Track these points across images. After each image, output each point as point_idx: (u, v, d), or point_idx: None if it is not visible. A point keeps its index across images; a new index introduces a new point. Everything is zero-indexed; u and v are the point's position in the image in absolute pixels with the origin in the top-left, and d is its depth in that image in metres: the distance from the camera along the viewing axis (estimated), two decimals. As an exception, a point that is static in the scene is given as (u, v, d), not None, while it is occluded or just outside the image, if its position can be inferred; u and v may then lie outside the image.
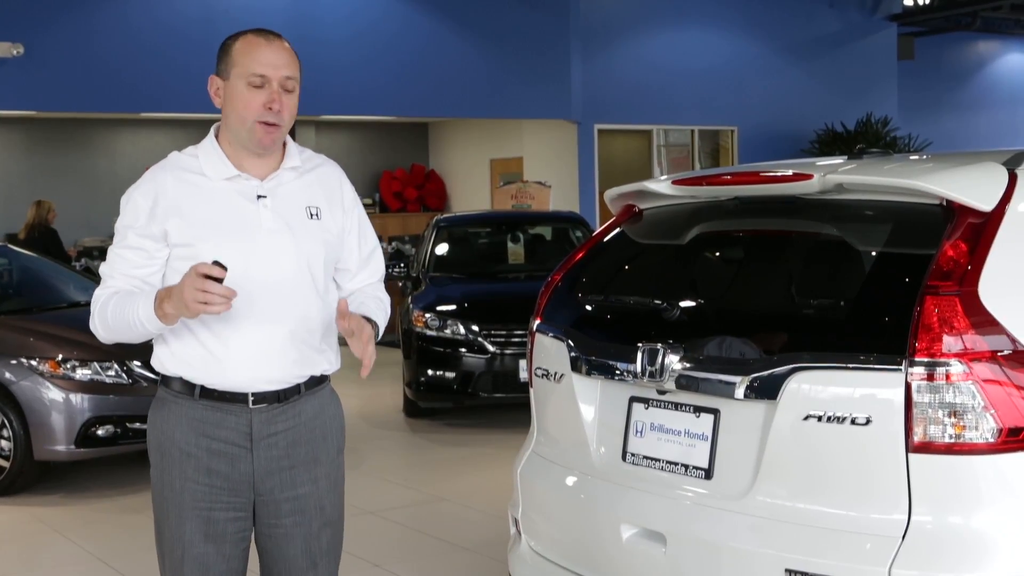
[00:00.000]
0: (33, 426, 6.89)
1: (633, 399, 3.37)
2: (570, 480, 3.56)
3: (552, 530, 3.67)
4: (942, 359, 2.67)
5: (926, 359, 2.68)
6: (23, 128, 14.83)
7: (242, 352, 2.84)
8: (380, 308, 3.07)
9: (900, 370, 2.72)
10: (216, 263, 2.63)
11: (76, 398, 6.88)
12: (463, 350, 8.71)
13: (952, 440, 2.67)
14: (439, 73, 13.93)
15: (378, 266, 3.16)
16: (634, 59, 15.70)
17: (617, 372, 3.38)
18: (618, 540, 3.26)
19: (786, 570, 2.83)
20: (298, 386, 2.94)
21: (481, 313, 8.84)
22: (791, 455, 2.93)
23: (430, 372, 8.81)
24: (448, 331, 8.79)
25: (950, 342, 2.67)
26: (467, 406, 9.24)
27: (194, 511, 2.88)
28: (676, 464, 3.22)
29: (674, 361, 3.18)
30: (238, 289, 2.76)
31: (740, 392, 3.01)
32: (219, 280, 2.62)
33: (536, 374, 3.79)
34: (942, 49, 21.33)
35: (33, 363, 6.90)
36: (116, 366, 6.92)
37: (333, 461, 3.04)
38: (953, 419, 2.66)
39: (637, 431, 3.35)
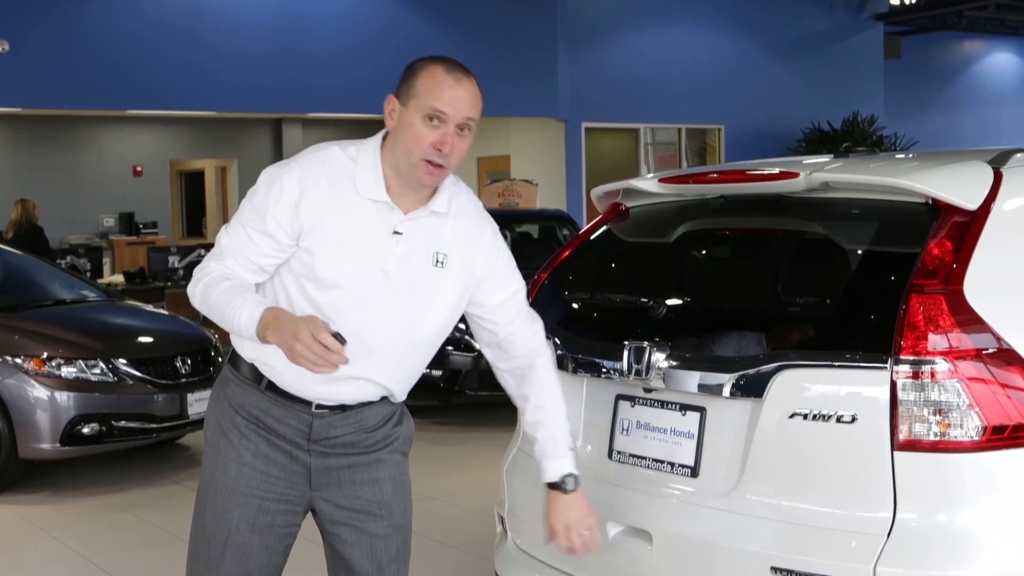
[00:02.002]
0: (18, 424, 6.86)
1: (619, 397, 3.37)
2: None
3: (537, 527, 3.67)
4: (927, 357, 2.68)
5: (911, 357, 2.69)
6: (8, 125, 14.78)
7: (317, 377, 2.70)
8: (566, 427, 2.99)
9: (885, 368, 2.73)
10: (337, 336, 2.51)
11: (61, 396, 6.85)
12: (449, 348, 8.70)
13: (937, 438, 2.68)
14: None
15: (529, 313, 3.01)
16: (621, 57, 15.71)
17: (603, 370, 3.38)
18: (604, 538, 3.26)
19: (772, 568, 2.84)
20: (362, 402, 2.87)
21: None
22: (777, 453, 2.93)
23: (417, 370, 8.80)
24: (435, 329, 8.78)
25: (935, 340, 2.68)
26: (454, 404, 9.23)
27: (246, 497, 2.80)
28: (662, 462, 3.22)
29: (660, 359, 3.19)
30: (338, 312, 2.69)
31: (726, 390, 3.02)
32: (340, 341, 2.52)
33: None
34: (928, 48, 21.40)
35: (18, 361, 6.87)
36: (102, 364, 6.90)
37: (398, 465, 2.95)
38: (938, 417, 2.67)
39: (623, 429, 3.35)
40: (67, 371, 6.88)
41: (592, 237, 3.91)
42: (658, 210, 3.72)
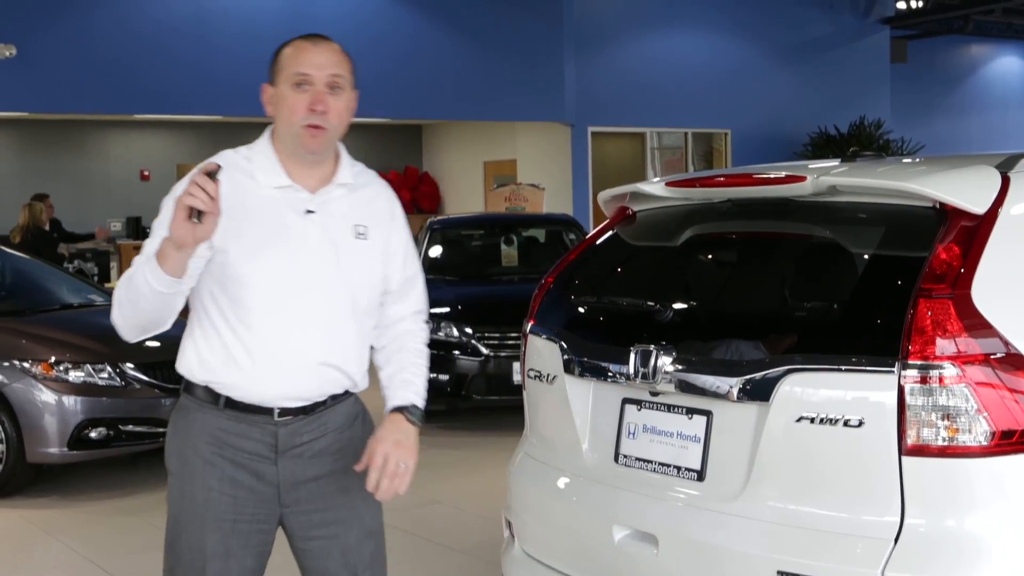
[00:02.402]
0: (26, 428, 6.87)
1: (626, 400, 3.37)
2: (562, 482, 3.56)
3: (544, 532, 3.67)
4: (935, 362, 2.67)
5: (919, 362, 2.68)
6: (15, 129, 14.82)
7: (269, 367, 2.74)
8: (423, 377, 2.97)
9: (893, 372, 2.72)
10: (212, 175, 2.48)
11: (69, 400, 6.86)
12: (457, 352, 8.70)
13: (945, 443, 2.67)
14: (433, 75, 13.94)
15: (420, 295, 3.05)
16: (627, 62, 15.71)
17: (610, 373, 3.38)
18: (610, 542, 3.26)
19: (778, 572, 2.83)
20: (323, 400, 2.85)
21: (475, 315, 8.83)
22: (784, 457, 2.93)
23: (423, 374, 8.79)
24: (442, 333, 8.78)
25: (943, 345, 2.68)
26: (461, 409, 9.23)
27: (217, 522, 2.78)
28: (668, 466, 3.22)
29: (667, 363, 3.18)
30: (273, 304, 2.70)
31: (733, 394, 3.02)
32: (213, 179, 2.48)
33: (529, 376, 3.79)
34: (935, 52, 21.38)
35: (26, 365, 6.88)
36: (109, 368, 6.91)
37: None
38: (946, 422, 2.67)
39: (629, 433, 3.35)
40: (75, 375, 6.89)
41: (599, 241, 3.91)
42: (665, 214, 3.72)
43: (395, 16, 13.73)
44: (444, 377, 8.71)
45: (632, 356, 3.26)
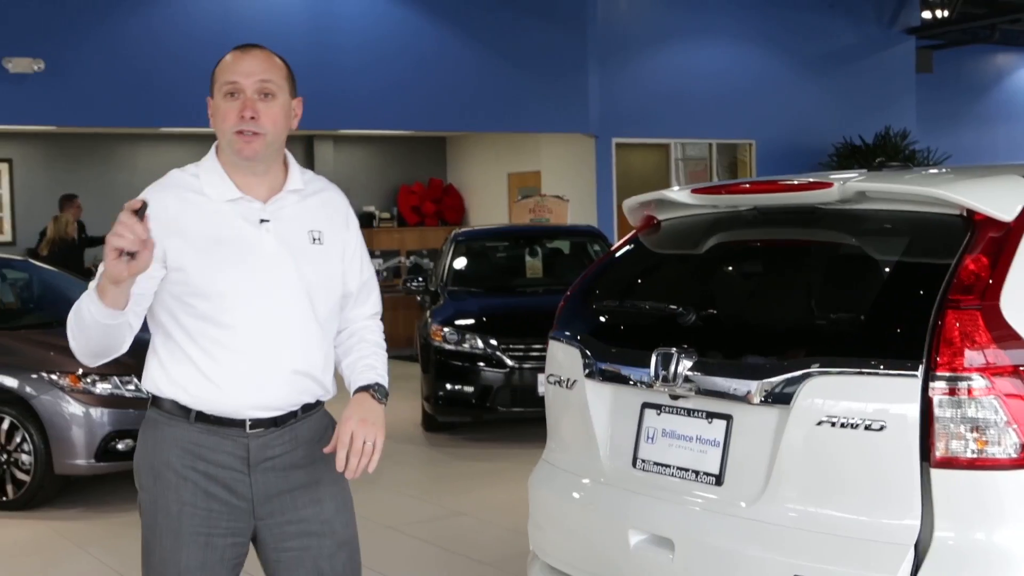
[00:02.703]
0: (54, 440, 6.92)
1: (645, 405, 3.36)
2: (579, 486, 3.56)
3: (559, 537, 3.67)
4: (964, 373, 2.66)
5: (948, 373, 2.67)
6: (43, 143, 14.93)
7: (238, 378, 2.75)
8: (383, 362, 2.97)
9: (916, 376, 2.71)
10: (139, 211, 2.43)
11: (96, 412, 6.90)
12: (481, 364, 8.71)
13: (974, 455, 2.65)
14: (457, 87, 13.97)
15: (376, 299, 3.08)
16: (651, 73, 15.71)
17: (630, 378, 3.37)
18: (625, 546, 3.25)
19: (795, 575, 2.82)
20: (295, 411, 2.86)
21: (499, 327, 8.84)
22: (803, 461, 2.92)
23: (448, 386, 8.81)
24: (466, 345, 8.79)
25: (972, 356, 2.66)
26: (485, 420, 9.23)
27: (192, 536, 2.77)
28: (687, 470, 3.21)
29: (688, 366, 3.18)
30: (239, 315, 2.71)
31: (754, 397, 3.01)
32: (140, 216, 2.43)
33: (549, 381, 3.80)
34: (961, 62, 21.27)
35: (54, 377, 6.92)
36: (136, 380, 6.94)
37: (337, 481, 2.94)
38: (975, 434, 2.65)
39: (648, 437, 3.35)
40: (102, 387, 6.93)
41: (622, 250, 3.92)
42: (690, 223, 3.71)
43: (419, 30, 13.77)
44: (469, 389, 8.72)
45: (653, 359, 3.26)
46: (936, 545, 2.67)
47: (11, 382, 7.03)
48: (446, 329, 8.92)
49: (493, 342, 8.71)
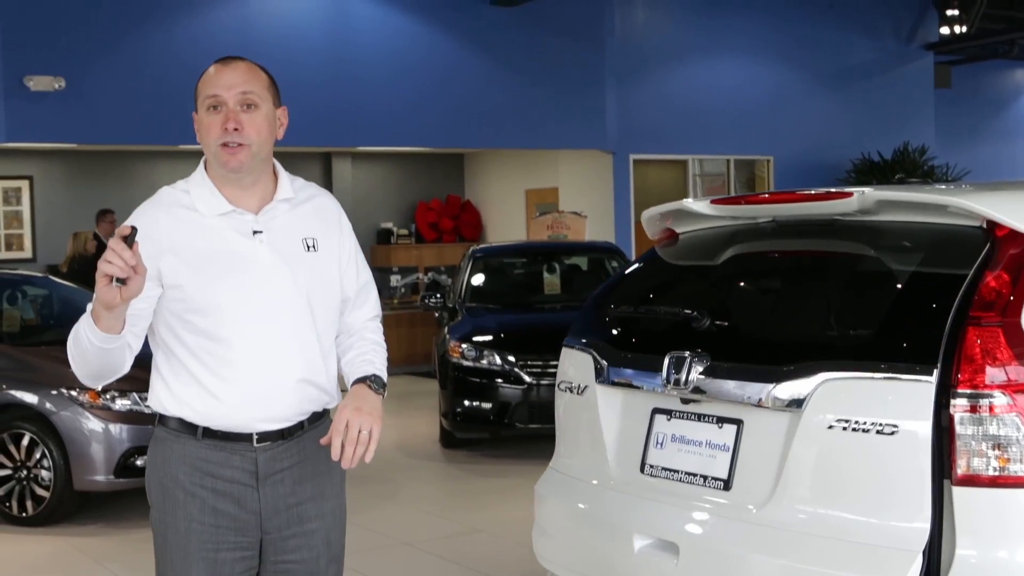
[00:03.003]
0: (73, 456, 6.94)
1: (656, 411, 3.35)
2: (585, 492, 3.54)
3: (563, 543, 3.64)
4: (985, 391, 2.64)
5: (969, 391, 2.66)
6: (62, 160, 15.02)
7: (244, 391, 2.75)
8: (382, 358, 2.97)
9: (930, 381, 2.69)
10: (128, 237, 2.46)
11: (115, 428, 6.92)
12: (499, 380, 8.70)
13: (996, 473, 2.64)
14: (475, 104, 14.00)
15: (375, 301, 3.07)
16: (669, 89, 15.71)
17: (641, 382, 3.36)
18: (630, 551, 3.23)
19: None
20: (301, 423, 2.86)
21: (517, 343, 8.83)
22: (813, 465, 2.90)
23: (466, 402, 8.81)
24: (484, 361, 8.79)
25: (993, 373, 2.65)
26: (503, 437, 9.22)
27: (200, 553, 2.78)
28: (695, 475, 3.19)
29: (700, 370, 3.17)
30: (241, 329, 2.72)
31: (767, 400, 2.99)
32: (130, 242, 2.45)
33: (560, 388, 3.79)
34: (979, 77, 21.21)
35: (73, 393, 6.95)
36: (155, 396, 6.95)
37: (339, 494, 2.96)
38: (997, 452, 2.63)
39: (657, 443, 3.33)
40: (121, 403, 6.95)
41: (640, 262, 3.93)
42: (708, 235, 3.72)
43: (438, 47, 13.81)
44: (487, 405, 8.72)
45: (666, 362, 3.25)
46: (958, 563, 2.64)
47: (31, 398, 7.07)
48: (464, 345, 8.92)
49: (511, 358, 8.71)
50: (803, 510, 2.89)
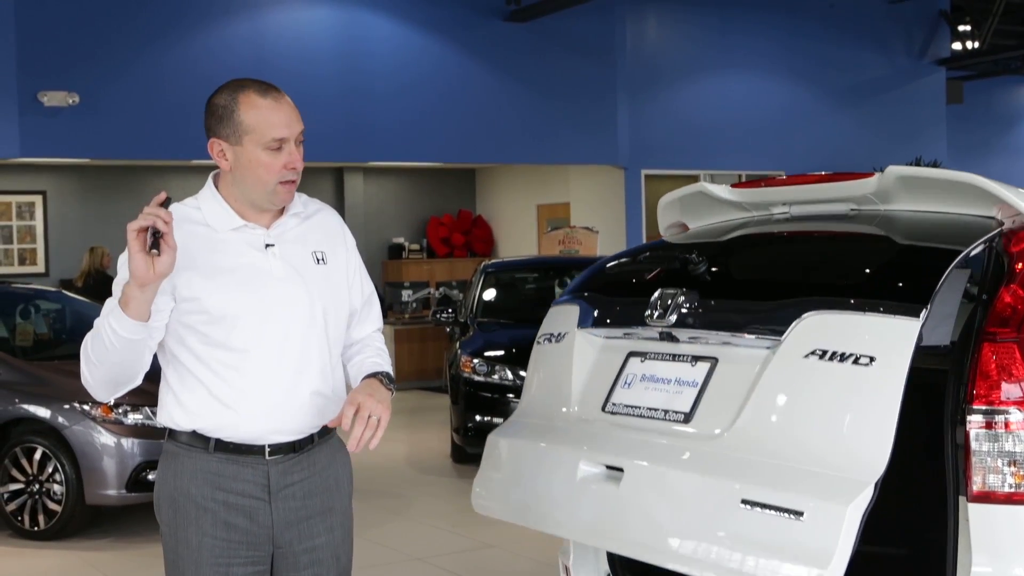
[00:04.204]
0: (85, 470, 6.95)
1: (631, 354, 3.31)
2: (538, 431, 3.46)
3: (505, 484, 3.49)
4: (1001, 407, 2.63)
5: (984, 407, 2.64)
6: (76, 175, 15.08)
7: (257, 401, 2.76)
8: (388, 363, 2.99)
9: (916, 318, 2.63)
10: (165, 203, 2.56)
11: (127, 442, 6.93)
12: (511, 396, 8.69)
13: (1012, 490, 2.62)
14: (486, 119, 14.03)
15: (378, 314, 3.10)
16: (681, 105, 15.73)
17: (624, 324, 3.33)
18: (572, 479, 3.16)
19: (742, 500, 2.70)
20: (311, 436, 2.87)
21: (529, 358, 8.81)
22: (780, 393, 2.83)
23: (478, 418, 8.80)
24: (496, 376, 8.78)
25: (1009, 390, 2.63)
26: (515, 452, 9.19)
27: (212, 567, 2.78)
28: (656, 410, 3.14)
29: (685, 303, 3.13)
30: (250, 340, 2.73)
31: (748, 330, 2.97)
32: (164, 206, 2.54)
33: (539, 342, 3.74)
34: (991, 93, 21.20)
35: (86, 408, 6.97)
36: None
37: (346, 510, 2.96)
38: (1013, 468, 2.62)
39: (626, 383, 3.28)
40: (133, 418, 6.96)
41: (645, 246, 3.93)
42: (721, 227, 3.72)
43: (447, 61, 13.84)
44: (499, 420, 8.69)
45: (655, 295, 3.21)
46: (974, 580, 2.63)
47: (44, 412, 7.08)
48: (475, 360, 8.91)
49: (523, 373, 8.69)
50: (759, 437, 2.81)
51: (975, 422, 2.65)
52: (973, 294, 2.89)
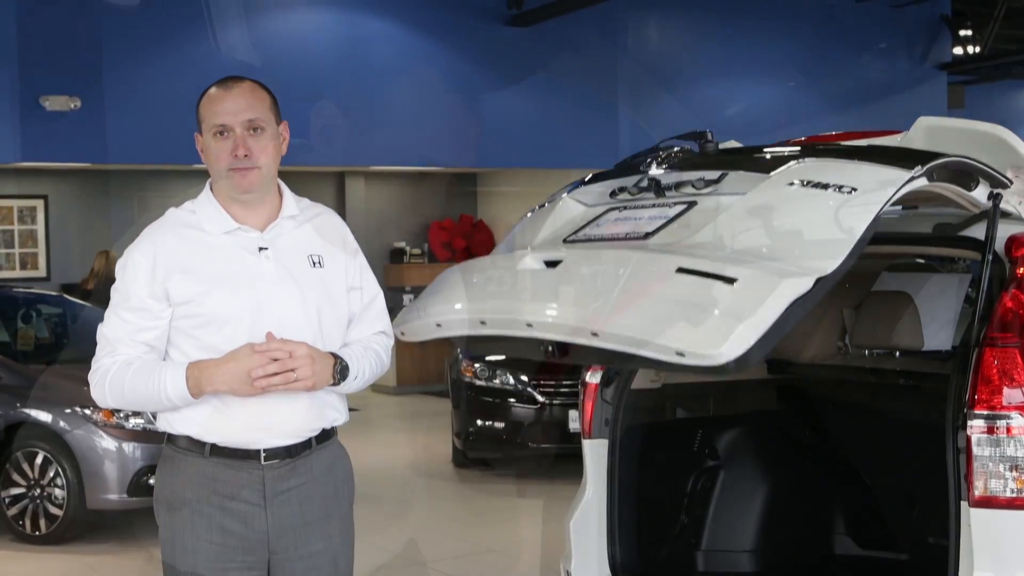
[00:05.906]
0: (86, 475, 6.94)
1: (611, 208, 3.28)
2: (492, 263, 3.42)
3: (448, 302, 3.33)
4: (1003, 412, 2.63)
5: (986, 412, 2.64)
6: (78, 179, 15.08)
7: (250, 405, 2.76)
8: (365, 356, 2.93)
9: (908, 171, 2.67)
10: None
11: (129, 447, 6.93)
12: (512, 400, 8.69)
13: (1014, 495, 2.62)
14: (488, 124, 14.04)
15: (380, 314, 3.05)
16: (682, 108, 15.73)
17: (618, 179, 3.33)
18: (512, 271, 3.15)
19: (678, 268, 2.66)
20: (309, 440, 2.86)
21: (530, 363, 8.81)
22: (751, 213, 2.82)
23: (479, 422, 8.80)
24: (497, 381, 8.78)
25: (1011, 394, 2.64)
26: (516, 456, 9.20)
27: (209, 572, 2.79)
28: (618, 234, 3.09)
29: (681, 156, 3.19)
30: (243, 342, 2.73)
31: (736, 170, 2.98)
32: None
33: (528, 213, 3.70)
34: (992, 98, 21.20)
35: (87, 412, 6.96)
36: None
37: (346, 516, 2.96)
38: (1014, 473, 2.62)
39: (597, 223, 3.24)
40: (134, 422, 6.96)
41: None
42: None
43: (449, 65, 13.84)
44: (500, 425, 8.70)
45: (658, 151, 3.25)
46: (976, 586, 2.63)
47: (45, 417, 7.08)
48: (477, 365, 8.91)
49: (524, 378, 8.69)
50: (714, 244, 2.77)
51: (976, 427, 2.65)
52: (974, 299, 2.89)
